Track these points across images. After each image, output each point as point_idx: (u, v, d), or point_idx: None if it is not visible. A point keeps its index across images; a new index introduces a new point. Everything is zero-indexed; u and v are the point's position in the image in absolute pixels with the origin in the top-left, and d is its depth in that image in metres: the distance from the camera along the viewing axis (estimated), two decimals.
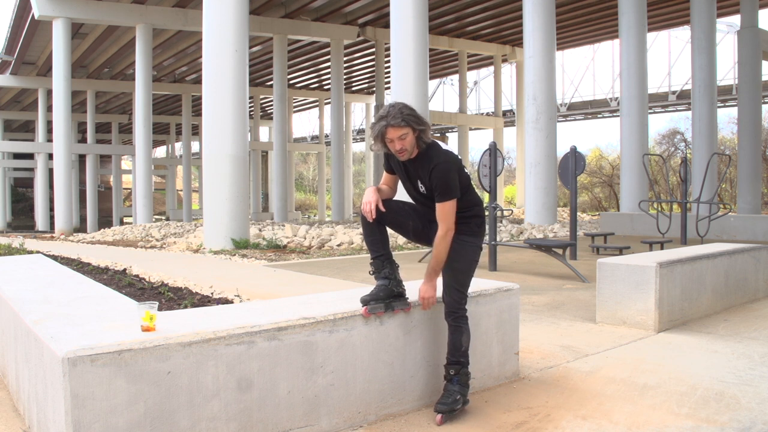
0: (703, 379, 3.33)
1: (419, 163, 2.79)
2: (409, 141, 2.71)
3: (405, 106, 2.74)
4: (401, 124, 2.67)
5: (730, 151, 30.81)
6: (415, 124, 2.70)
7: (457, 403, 2.76)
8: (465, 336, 2.82)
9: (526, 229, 14.93)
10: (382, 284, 2.80)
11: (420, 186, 2.83)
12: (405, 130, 2.68)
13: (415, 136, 2.72)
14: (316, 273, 7.91)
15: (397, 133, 2.68)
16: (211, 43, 12.23)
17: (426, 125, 2.75)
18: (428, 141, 2.77)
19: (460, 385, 2.80)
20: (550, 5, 15.45)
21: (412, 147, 2.75)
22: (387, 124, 2.68)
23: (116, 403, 2.09)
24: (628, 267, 4.62)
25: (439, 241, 2.74)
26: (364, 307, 2.73)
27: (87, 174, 43.40)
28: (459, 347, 2.81)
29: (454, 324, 2.82)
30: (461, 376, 2.81)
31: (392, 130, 2.68)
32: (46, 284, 3.56)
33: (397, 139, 2.69)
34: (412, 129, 2.69)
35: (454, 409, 2.76)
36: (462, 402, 2.79)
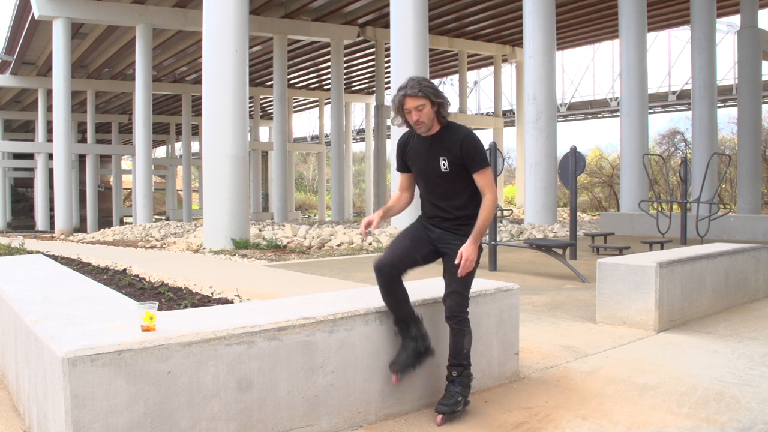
0: (703, 379, 3.33)
1: (443, 138, 2.78)
2: (426, 113, 2.72)
3: (424, 79, 2.77)
4: (419, 94, 2.68)
5: (730, 151, 30.81)
6: (434, 96, 2.71)
7: (458, 404, 2.75)
8: (467, 338, 2.80)
9: (526, 229, 14.93)
10: (410, 347, 2.76)
11: (443, 163, 2.78)
12: (422, 101, 2.69)
13: (434, 110, 2.73)
14: (316, 273, 7.91)
15: (415, 103, 2.69)
16: (211, 43, 12.23)
17: (445, 99, 2.76)
18: (448, 116, 2.79)
19: (462, 387, 2.79)
20: (550, 5, 15.45)
21: (431, 121, 2.75)
22: (405, 94, 2.70)
23: (116, 403, 2.09)
24: (628, 267, 4.62)
25: (488, 205, 2.77)
26: (394, 375, 2.75)
27: (87, 174, 43.41)
28: (461, 350, 2.79)
29: (457, 327, 2.79)
30: (463, 378, 2.80)
31: (410, 99, 2.70)
32: (46, 284, 3.56)
33: (414, 110, 2.70)
34: (430, 101, 2.70)
35: (455, 410, 2.75)
36: (463, 403, 2.79)
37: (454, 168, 2.77)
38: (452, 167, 2.77)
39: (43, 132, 38.87)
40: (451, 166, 2.77)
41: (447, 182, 2.81)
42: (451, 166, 2.77)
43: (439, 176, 2.81)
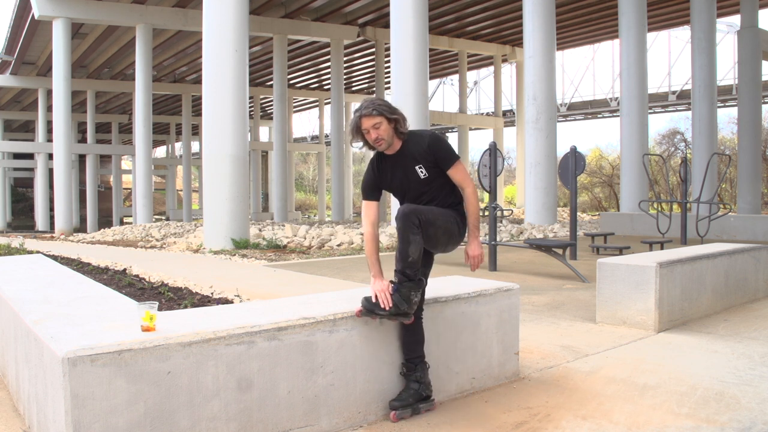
0: (703, 379, 3.33)
1: (409, 149, 2.84)
2: (384, 130, 2.77)
3: (378, 99, 2.86)
4: (373, 113, 2.75)
5: (730, 151, 30.81)
6: (388, 113, 2.77)
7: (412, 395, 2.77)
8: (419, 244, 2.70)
9: (526, 229, 14.93)
10: (412, 388, 2.79)
11: (420, 171, 2.82)
12: (378, 119, 2.75)
13: (391, 126, 2.78)
14: (316, 273, 7.91)
15: (371, 122, 2.76)
16: (211, 43, 12.23)
17: (400, 116, 2.82)
18: (406, 131, 2.84)
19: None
20: (550, 5, 15.45)
21: (390, 137, 2.80)
22: (360, 115, 2.78)
23: (116, 403, 2.09)
24: (628, 267, 4.62)
25: (471, 198, 2.85)
26: (393, 412, 2.74)
27: (87, 174, 43.41)
28: (406, 257, 2.70)
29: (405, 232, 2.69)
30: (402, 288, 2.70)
31: (366, 120, 2.77)
32: (46, 284, 3.56)
33: (372, 128, 2.76)
34: (385, 118, 2.76)
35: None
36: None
37: (432, 171, 2.83)
38: (430, 171, 2.83)
39: (43, 132, 38.88)
40: (429, 171, 2.83)
41: (430, 185, 2.85)
42: (429, 170, 2.83)
43: (421, 183, 2.85)
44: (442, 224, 2.78)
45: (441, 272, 7.46)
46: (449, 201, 2.88)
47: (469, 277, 3.70)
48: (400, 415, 2.75)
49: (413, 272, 2.72)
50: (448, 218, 2.81)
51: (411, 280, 2.71)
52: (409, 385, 2.80)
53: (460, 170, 2.85)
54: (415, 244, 2.70)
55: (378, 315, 2.68)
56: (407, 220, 2.69)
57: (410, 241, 2.70)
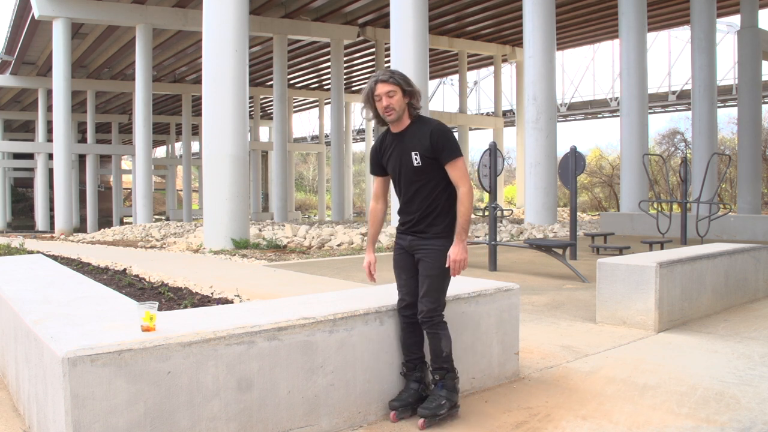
0: (703, 379, 3.33)
1: (414, 131, 2.75)
2: (396, 100, 2.70)
3: (396, 70, 2.79)
4: (390, 80, 2.70)
5: (730, 151, 30.82)
6: (405, 84, 2.71)
7: (441, 408, 2.69)
8: (444, 341, 2.74)
9: (526, 229, 14.93)
10: (413, 388, 2.78)
11: (415, 158, 2.72)
12: (394, 87, 2.70)
13: (405, 99, 2.72)
14: (316, 273, 7.90)
15: (386, 89, 2.69)
16: (211, 43, 12.23)
17: (416, 90, 2.75)
18: (419, 109, 2.77)
19: (447, 390, 2.74)
20: (550, 5, 15.45)
21: (401, 109, 2.72)
22: (377, 80, 2.72)
23: (116, 403, 2.09)
24: (628, 267, 4.62)
25: (464, 199, 2.70)
26: (393, 413, 2.74)
27: (87, 174, 43.42)
28: (440, 353, 2.74)
29: (431, 331, 2.74)
30: (446, 381, 2.75)
31: (381, 85, 2.70)
32: (46, 284, 3.56)
33: (385, 95, 2.69)
34: (401, 89, 2.70)
35: (437, 414, 2.68)
36: (448, 407, 2.72)
37: (426, 162, 2.71)
38: (424, 161, 2.71)
39: (43, 132, 38.88)
40: (423, 161, 2.71)
41: (420, 178, 2.74)
42: (423, 160, 2.71)
43: (413, 171, 2.75)
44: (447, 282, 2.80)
45: None
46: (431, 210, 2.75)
47: (469, 277, 3.70)
48: (400, 415, 2.74)
49: (449, 363, 2.76)
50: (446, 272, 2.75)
51: (449, 370, 2.76)
52: (409, 385, 2.80)
53: (458, 167, 2.71)
54: (446, 338, 2.75)
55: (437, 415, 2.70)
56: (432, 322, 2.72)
57: (441, 337, 2.74)
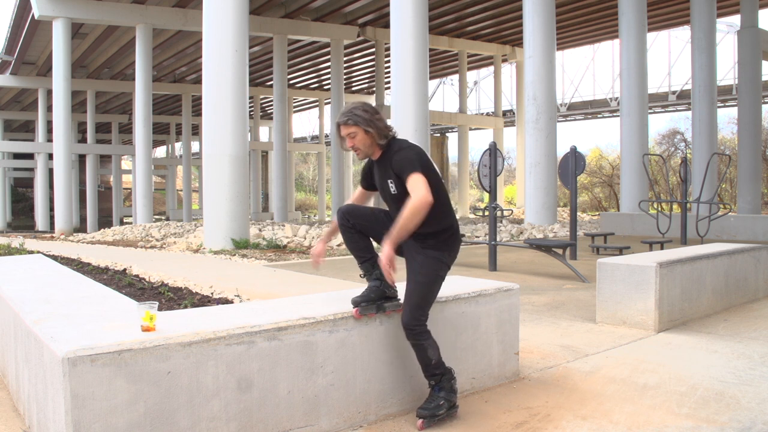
0: (703, 379, 3.33)
1: (385, 160, 2.73)
2: (359, 140, 2.68)
3: (361, 106, 2.72)
4: (348, 122, 2.67)
5: (730, 151, 30.81)
6: (364, 124, 2.65)
7: (439, 408, 2.69)
8: (431, 350, 2.69)
9: (526, 229, 14.93)
10: (373, 285, 2.76)
11: (390, 186, 2.71)
12: (353, 129, 2.67)
13: (367, 136, 2.68)
14: (316, 273, 7.90)
15: (346, 131, 2.69)
16: (211, 43, 12.23)
17: (377, 127, 2.67)
18: (388, 138, 2.72)
19: (445, 391, 2.73)
20: (550, 5, 15.45)
21: (367, 147, 2.71)
22: (337, 123, 2.71)
23: (116, 403, 2.09)
24: (628, 267, 4.62)
25: (410, 204, 2.51)
26: (355, 309, 2.71)
27: (87, 174, 43.41)
28: (428, 363, 2.71)
29: (415, 342, 2.69)
30: (443, 383, 2.74)
31: (342, 127, 2.70)
32: (46, 284, 3.56)
33: (348, 137, 2.69)
34: (362, 129, 2.66)
35: (435, 414, 2.68)
36: (447, 407, 2.71)
37: (401, 188, 2.67)
38: (399, 188, 2.68)
39: (43, 132, 38.87)
40: (398, 188, 2.69)
41: (399, 202, 2.67)
42: (398, 187, 2.68)
43: (394, 197, 2.74)
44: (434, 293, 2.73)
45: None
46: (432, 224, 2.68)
47: (469, 278, 3.70)
48: (364, 311, 2.70)
49: (441, 368, 2.74)
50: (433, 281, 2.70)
51: (443, 374, 2.74)
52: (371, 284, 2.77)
53: (411, 180, 2.57)
54: (431, 347, 2.71)
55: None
56: (413, 332, 2.67)
57: (426, 347, 2.70)
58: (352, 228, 2.78)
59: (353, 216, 2.79)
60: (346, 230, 2.80)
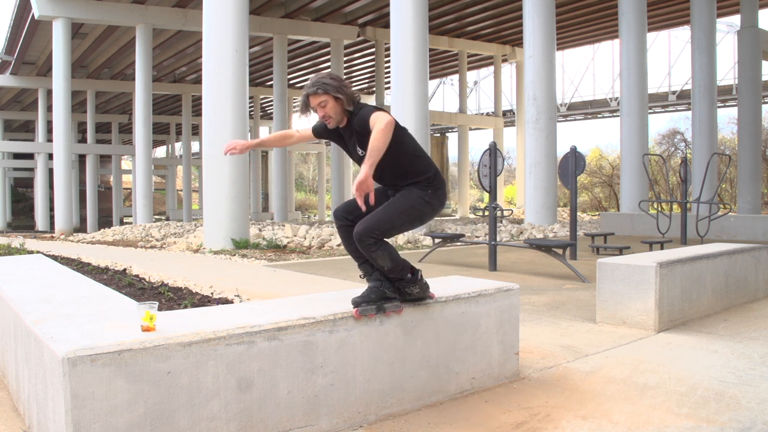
0: (703, 379, 3.33)
1: (352, 127, 2.77)
2: (330, 108, 2.73)
3: (327, 74, 2.77)
4: (318, 92, 2.70)
5: (730, 151, 30.82)
6: (333, 91, 2.70)
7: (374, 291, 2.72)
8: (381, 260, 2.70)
9: (526, 229, 14.93)
10: (374, 286, 2.79)
11: (359, 150, 2.78)
12: (323, 98, 2.71)
13: (337, 104, 2.72)
14: (316, 273, 7.91)
15: (317, 101, 2.72)
16: (211, 43, 12.23)
17: (346, 94, 2.72)
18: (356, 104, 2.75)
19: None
20: (550, 5, 15.46)
21: (339, 115, 2.75)
22: (307, 93, 2.74)
23: (116, 403, 2.09)
24: (628, 267, 4.62)
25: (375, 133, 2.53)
26: (355, 309, 2.72)
27: (87, 174, 43.40)
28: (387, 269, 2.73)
29: (365, 252, 2.70)
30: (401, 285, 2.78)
31: (312, 98, 2.73)
32: (46, 284, 3.56)
33: (318, 107, 2.73)
34: (331, 96, 2.71)
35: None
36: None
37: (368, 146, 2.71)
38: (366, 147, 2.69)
39: (43, 132, 38.87)
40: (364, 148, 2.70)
41: None
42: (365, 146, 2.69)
43: (362, 160, 2.76)
44: (403, 221, 2.74)
45: (440, 272, 7.46)
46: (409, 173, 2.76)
47: (469, 278, 3.70)
48: (364, 312, 2.71)
49: (399, 273, 2.77)
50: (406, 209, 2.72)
51: (401, 279, 2.78)
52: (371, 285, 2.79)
53: (372, 118, 2.60)
54: (382, 258, 2.71)
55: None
56: (362, 243, 2.68)
57: (376, 257, 2.71)
58: (352, 225, 2.81)
59: (351, 212, 2.84)
60: (347, 230, 2.84)
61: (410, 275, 2.82)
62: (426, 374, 2.95)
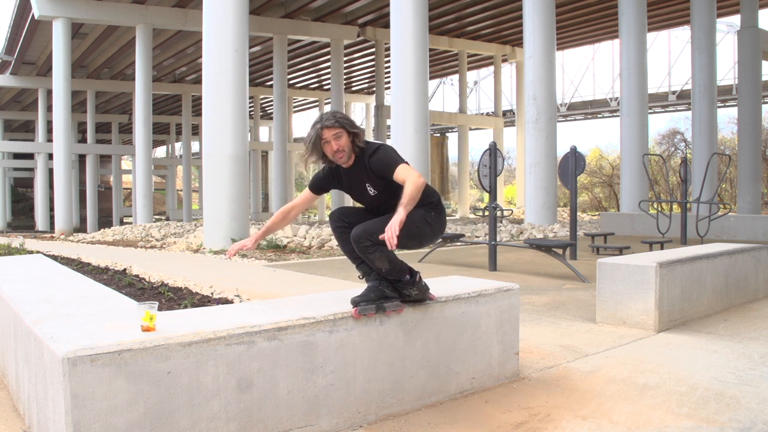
0: (703, 379, 3.33)
1: (360, 165, 2.82)
2: (344, 141, 2.76)
3: (338, 111, 2.85)
4: (335, 125, 2.75)
5: (730, 151, 30.81)
6: (349, 126, 2.77)
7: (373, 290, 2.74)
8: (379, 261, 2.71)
9: (526, 229, 14.93)
10: (373, 285, 2.80)
11: (369, 188, 2.83)
12: (338, 130, 2.75)
13: (350, 139, 2.77)
14: (316, 273, 7.91)
15: (332, 132, 2.74)
16: (211, 43, 12.23)
17: (359, 130, 2.81)
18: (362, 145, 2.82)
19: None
20: (550, 5, 15.46)
21: (349, 150, 2.79)
22: (322, 126, 2.75)
23: (116, 403, 2.09)
24: (628, 267, 4.62)
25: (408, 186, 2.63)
26: (354, 308, 2.72)
27: (87, 174, 43.42)
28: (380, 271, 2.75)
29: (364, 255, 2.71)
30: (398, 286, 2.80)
31: (327, 131, 2.75)
32: (46, 284, 3.56)
33: (333, 138, 2.74)
34: (345, 131, 2.76)
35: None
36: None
37: (380, 186, 2.81)
38: (378, 187, 2.81)
39: (43, 132, 38.88)
40: (377, 188, 2.82)
41: (383, 199, 2.83)
42: (377, 186, 2.81)
43: (374, 198, 2.85)
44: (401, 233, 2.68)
45: (440, 272, 7.47)
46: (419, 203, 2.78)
47: (469, 278, 3.70)
48: (363, 311, 2.71)
49: (397, 275, 2.78)
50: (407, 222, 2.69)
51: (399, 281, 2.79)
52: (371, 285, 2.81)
53: (401, 171, 2.70)
54: (380, 260, 2.72)
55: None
56: (359, 245, 2.70)
57: (373, 259, 2.72)
58: (348, 228, 2.83)
59: (347, 216, 2.90)
60: (343, 232, 2.87)
61: (408, 277, 2.83)
62: (426, 374, 2.95)
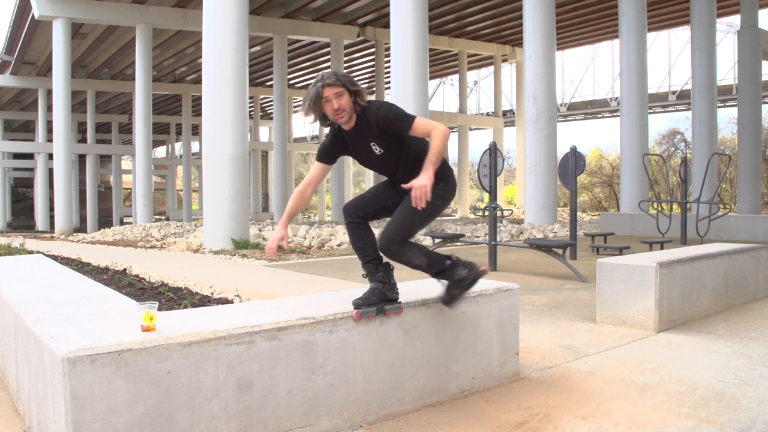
0: (703, 379, 3.33)
1: (363, 125, 2.77)
2: (345, 101, 2.71)
3: (339, 71, 2.85)
4: (336, 83, 2.71)
5: (730, 151, 30.81)
6: (350, 85, 2.73)
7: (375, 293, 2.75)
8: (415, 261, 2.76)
9: (526, 229, 14.93)
10: (375, 287, 2.79)
11: (374, 148, 2.78)
12: (340, 88, 2.71)
13: (351, 99, 2.73)
14: (316, 273, 7.91)
15: (333, 91, 2.70)
16: (211, 43, 12.23)
17: (361, 89, 2.77)
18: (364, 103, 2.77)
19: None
20: (550, 5, 15.46)
21: (350, 109, 2.74)
22: (323, 84, 2.72)
23: (116, 403, 2.09)
24: (628, 267, 4.62)
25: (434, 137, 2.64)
26: (355, 311, 2.72)
27: (87, 174, 43.40)
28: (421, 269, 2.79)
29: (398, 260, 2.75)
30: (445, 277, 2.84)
31: (328, 89, 2.71)
32: (46, 284, 3.56)
33: (334, 97, 2.70)
34: (347, 89, 2.72)
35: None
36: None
37: (386, 145, 2.76)
38: (384, 146, 2.76)
39: (43, 132, 38.86)
40: (383, 146, 2.76)
41: (391, 158, 2.81)
42: (383, 145, 2.76)
43: (381, 158, 2.81)
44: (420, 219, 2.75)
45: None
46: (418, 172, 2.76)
47: None
48: (364, 314, 2.72)
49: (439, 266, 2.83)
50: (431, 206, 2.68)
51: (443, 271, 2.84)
52: (373, 286, 2.81)
53: (420, 124, 2.70)
54: (415, 257, 2.76)
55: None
56: (389, 253, 2.73)
57: (409, 259, 2.75)
58: (363, 223, 2.84)
59: (362, 209, 2.87)
60: (357, 227, 2.86)
61: (449, 261, 2.84)
62: (426, 374, 2.95)
